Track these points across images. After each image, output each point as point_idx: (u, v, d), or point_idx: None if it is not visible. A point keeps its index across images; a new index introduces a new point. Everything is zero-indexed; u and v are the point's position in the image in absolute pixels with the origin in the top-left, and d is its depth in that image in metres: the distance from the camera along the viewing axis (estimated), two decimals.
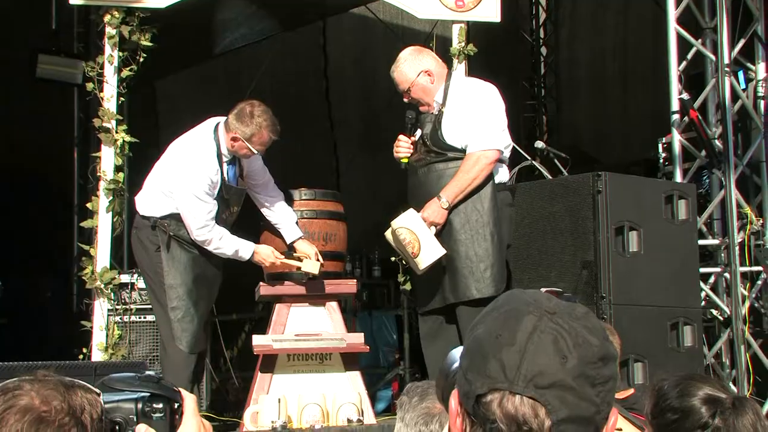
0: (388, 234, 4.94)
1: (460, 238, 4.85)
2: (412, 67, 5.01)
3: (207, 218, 4.97)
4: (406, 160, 5.04)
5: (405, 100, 5.08)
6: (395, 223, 4.85)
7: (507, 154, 5.04)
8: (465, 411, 1.29)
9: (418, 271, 4.87)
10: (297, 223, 5.35)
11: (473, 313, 4.73)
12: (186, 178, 4.96)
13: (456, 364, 1.43)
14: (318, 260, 5.23)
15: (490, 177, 4.89)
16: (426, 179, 4.96)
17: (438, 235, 4.82)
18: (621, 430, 2.65)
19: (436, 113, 4.99)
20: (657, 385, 2.44)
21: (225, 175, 5.06)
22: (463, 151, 4.88)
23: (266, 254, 5.15)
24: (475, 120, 4.88)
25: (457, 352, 1.46)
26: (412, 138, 5.03)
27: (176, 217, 5.04)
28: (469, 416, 1.28)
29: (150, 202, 5.10)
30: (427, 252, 4.76)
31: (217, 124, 5.11)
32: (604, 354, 1.26)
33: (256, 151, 5.04)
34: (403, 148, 5.04)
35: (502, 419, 1.23)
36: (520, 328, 1.25)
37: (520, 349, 1.23)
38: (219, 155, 5.03)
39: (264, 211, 5.37)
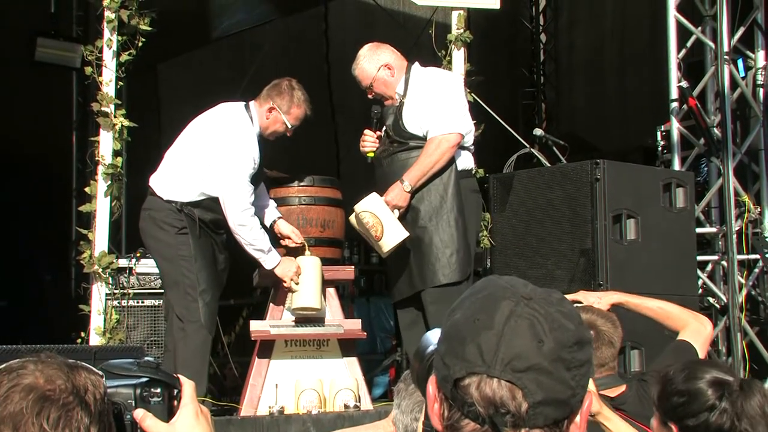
0: (351, 218, 5.02)
1: (426, 226, 4.93)
2: (372, 63, 5.10)
3: (250, 200, 4.83)
4: (371, 154, 5.14)
5: (369, 96, 5.18)
6: (358, 207, 4.91)
7: (470, 139, 5.11)
8: (443, 396, 1.30)
9: (383, 254, 4.97)
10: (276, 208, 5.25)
11: (438, 294, 4.88)
12: (233, 159, 4.81)
13: (431, 347, 1.43)
14: (301, 241, 5.15)
15: (452, 163, 4.94)
16: (390, 170, 5.04)
17: (402, 219, 4.89)
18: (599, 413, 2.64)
19: (398, 104, 5.03)
20: (663, 371, 2.44)
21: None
22: (425, 138, 4.94)
23: (289, 269, 4.98)
24: (435, 105, 4.96)
25: (431, 335, 1.46)
26: (378, 132, 5.10)
27: (202, 204, 4.89)
28: (447, 401, 1.29)
29: (175, 185, 4.92)
30: (390, 235, 4.83)
31: (247, 103, 5.01)
32: (579, 338, 1.27)
33: (290, 126, 4.99)
34: (369, 142, 5.14)
35: (479, 402, 1.24)
36: (497, 313, 1.26)
37: (498, 333, 1.24)
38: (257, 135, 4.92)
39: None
